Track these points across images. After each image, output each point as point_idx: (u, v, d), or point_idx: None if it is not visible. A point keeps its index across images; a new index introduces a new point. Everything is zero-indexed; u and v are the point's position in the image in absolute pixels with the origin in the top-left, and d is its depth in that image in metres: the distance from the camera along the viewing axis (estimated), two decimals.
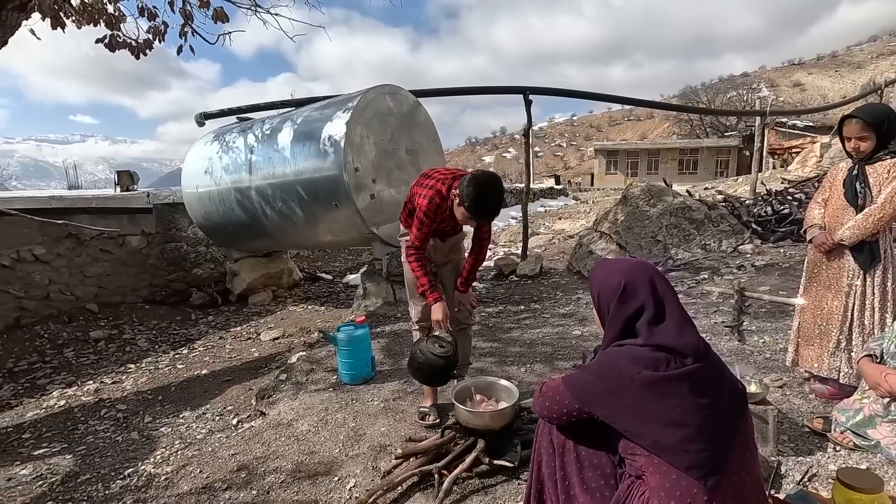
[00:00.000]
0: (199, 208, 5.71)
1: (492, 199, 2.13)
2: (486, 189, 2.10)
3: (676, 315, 1.25)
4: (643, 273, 1.30)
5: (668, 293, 1.29)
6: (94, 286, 5.43)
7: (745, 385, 1.88)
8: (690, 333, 1.24)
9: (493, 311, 4.46)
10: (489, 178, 2.14)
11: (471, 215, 2.14)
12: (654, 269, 1.34)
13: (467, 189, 2.10)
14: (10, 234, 4.76)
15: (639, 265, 1.34)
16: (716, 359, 1.28)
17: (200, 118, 5.97)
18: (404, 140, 5.03)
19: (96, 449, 2.83)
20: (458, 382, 2.20)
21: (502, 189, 2.18)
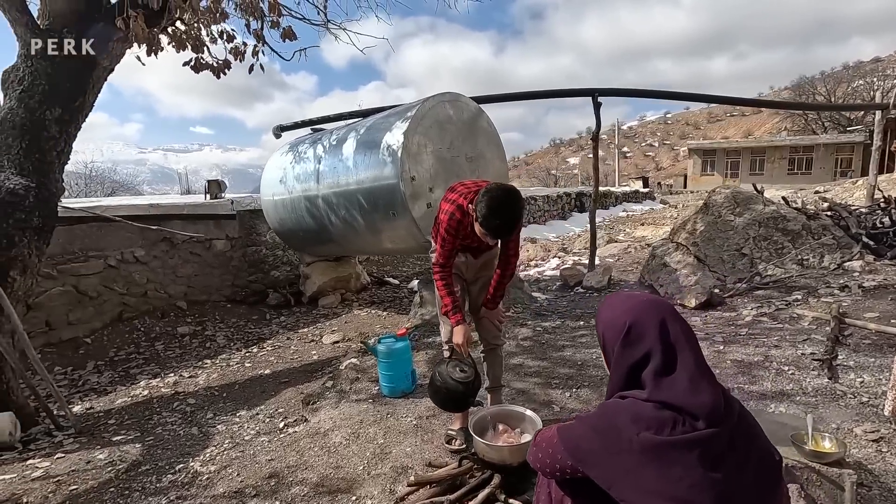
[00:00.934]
0: (274, 215, 6.09)
1: (505, 214, 1.99)
2: (499, 204, 1.97)
3: (690, 366, 1.06)
4: (654, 313, 1.12)
5: (683, 339, 1.10)
6: (184, 285, 5.98)
7: (815, 441, 1.59)
8: (706, 390, 1.04)
9: (548, 326, 4.25)
10: (503, 192, 2.01)
11: (485, 231, 2.03)
12: (670, 310, 1.15)
13: (480, 205, 1.99)
14: (115, 237, 5.39)
15: (651, 303, 1.16)
16: (743, 422, 1.07)
17: (277, 130, 6.37)
18: (464, 147, 4.97)
19: (161, 441, 3.08)
20: (479, 410, 2.09)
21: (518, 204, 2.02)
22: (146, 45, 4.15)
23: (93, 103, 4.39)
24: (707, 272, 4.73)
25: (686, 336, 1.11)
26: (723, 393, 1.07)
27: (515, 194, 2.03)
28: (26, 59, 3.92)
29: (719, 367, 2.94)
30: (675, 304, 4.46)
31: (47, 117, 3.91)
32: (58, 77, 3.95)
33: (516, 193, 2.04)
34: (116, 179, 32.60)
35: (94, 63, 4.17)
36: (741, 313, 3.92)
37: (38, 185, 3.76)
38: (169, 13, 4.10)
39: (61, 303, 5.00)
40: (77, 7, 4.05)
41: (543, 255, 7.82)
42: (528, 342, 3.81)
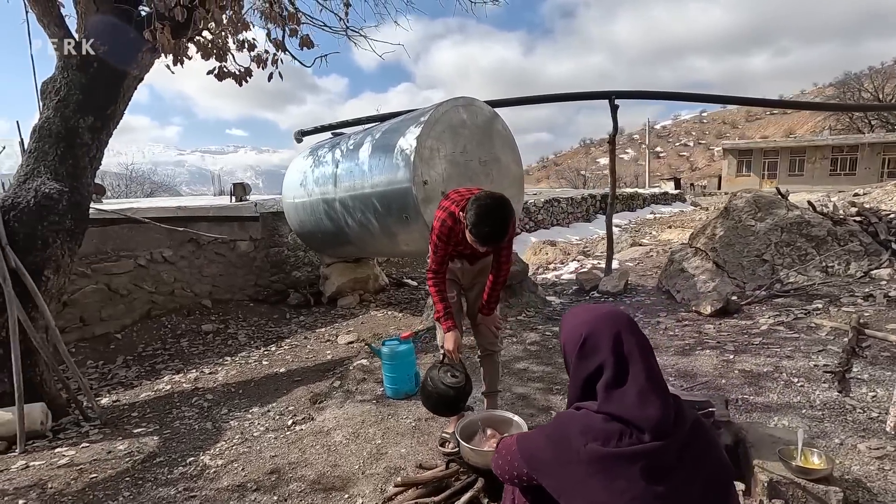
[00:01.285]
0: (295, 217, 6.26)
1: (493, 222, 2.02)
2: (487, 212, 2.01)
3: (641, 379, 1.07)
4: (610, 326, 1.13)
5: (637, 352, 1.11)
6: (209, 284, 6.22)
7: (804, 457, 1.57)
8: (654, 404, 1.04)
9: (557, 331, 4.23)
10: (492, 200, 2.04)
11: (474, 239, 2.06)
12: (627, 322, 1.16)
13: (470, 212, 2.02)
14: (145, 238, 5.65)
15: (608, 316, 1.17)
16: (697, 437, 1.07)
17: (298, 135, 6.54)
18: (478, 151, 5.00)
19: (177, 434, 3.23)
20: (469, 415, 2.12)
21: (506, 213, 2.05)
22: (172, 55, 4.34)
23: (123, 111, 4.61)
24: (726, 278, 4.62)
25: (640, 349, 1.12)
26: (676, 406, 1.08)
27: (504, 203, 2.06)
28: (63, 71, 4.15)
29: (726, 376, 2.88)
30: (691, 310, 4.38)
31: (80, 125, 4.12)
32: (91, 87, 4.16)
33: (505, 202, 2.07)
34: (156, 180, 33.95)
35: (125, 73, 4.38)
36: (757, 321, 3.82)
37: (71, 190, 3.98)
38: (194, 25, 4.26)
39: (94, 300, 5.29)
40: (109, 20, 4.26)
41: (563, 258, 7.76)
42: (534, 346, 3.82)
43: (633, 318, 1.19)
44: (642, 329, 3.40)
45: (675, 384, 2.86)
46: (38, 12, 4.22)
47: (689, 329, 3.88)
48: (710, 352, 3.28)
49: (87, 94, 4.16)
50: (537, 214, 12.09)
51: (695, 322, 4.01)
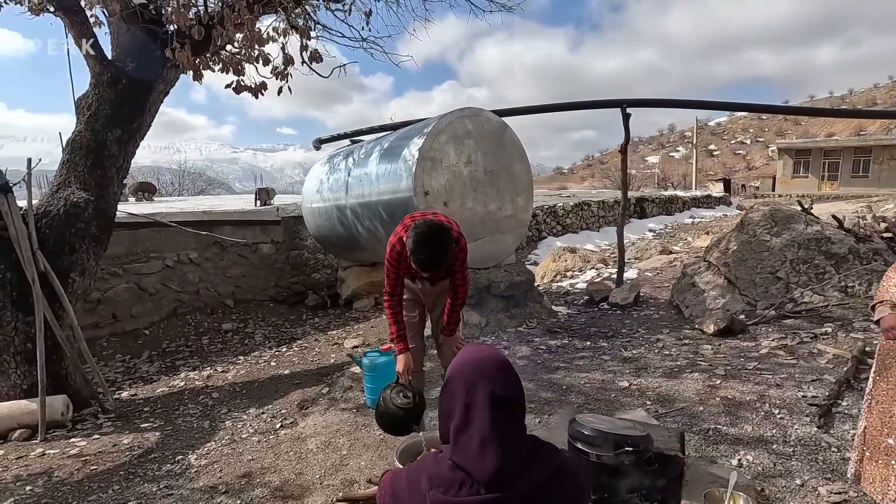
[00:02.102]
0: (312, 222, 6.49)
1: (429, 250, 2.07)
2: (423, 240, 2.06)
3: (485, 429, 1.07)
4: (471, 371, 1.15)
5: (486, 402, 1.10)
6: (232, 285, 6.55)
7: (732, 500, 1.54)
8: (493, 455, 1.05)
9: (554, 345, 4.21)
10: (428, 229, 2.09)
11: (414, 265, 2.11)
12: (493, 369, 1.16)
13: (409, 239, 2.08)
14: (173, 241, 6.02)
15: (476, 361, 1.18)
16: (547, 491, 1.08)
17: (317, 143, 6.76)
18: (484, 161, 5.03)
19: (177, 431, 3.46)
20: (414, 436, 2.18)
21: (441, 241, 2.10)
22: (192, 71, 4.60)
23: (150, 123, 4.93)
24: (736, 295, 4.43)
25: (494, 399, 1.12)
26: (528, 458, 1.09)
27: (440, 232, 2.10)
28: (95, 87, 4.49)
29: (706, 403, 2.80)
30: (694, 327, 4.23)
31: (109, 138, 4.44)
32: (119, 102, 4.48)
33: (442, 231, 2.11)
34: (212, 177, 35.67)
35: (151, 88, 4.69)
36: (759, 343, 3.65)
37: (97, 199, 4.31)
38: (213, 42, 4.49)
39: (126, 298, 5.70)
40: (138, 39, 4.55)
41: (581, 265, 7.63)
42: (523, 361, 3.81)
43: (507, 364, 1.19)
44: (639, 345, 3.29)
45: (651, 409, 2.80)
46: (75, 34, 4.57)
47: (686, 349, 3.77)
48: (699, 375, 3.18)
49: (115, 108, 4.47)
50: (565, 218, 11.90)
51: (695, 341, 3.88)
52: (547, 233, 11.40)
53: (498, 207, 5.17)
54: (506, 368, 1.18)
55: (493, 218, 5.14)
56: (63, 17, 4.50)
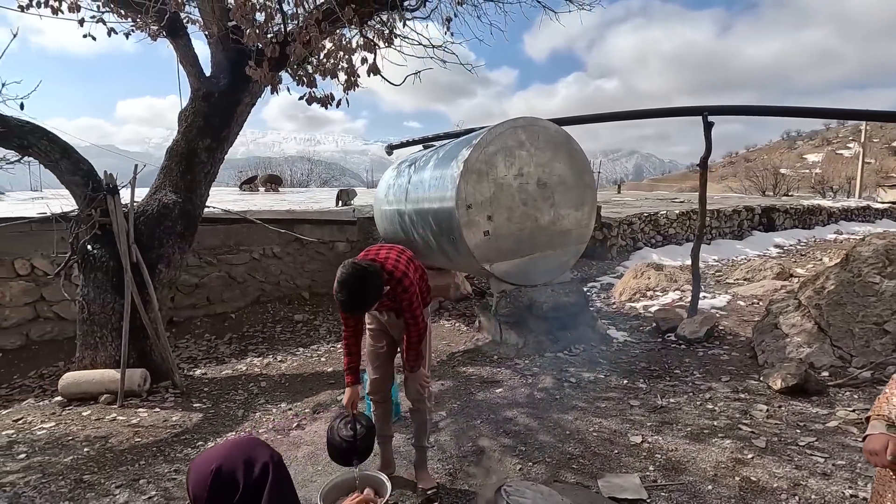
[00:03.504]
0: (381, 224, 6.75)
1: (349, 292, 2.04)
2: (343, 280, 2.04)
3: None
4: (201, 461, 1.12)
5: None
6: (309, 279, 7.10)
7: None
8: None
9: (586, 379, 3.87)
10: (351, 270, 2.03)
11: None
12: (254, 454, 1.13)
13: (337, 277, 2.05)
14: (259, 236, 6.70)
15: (215, 454, 1.14)
16: None
17: (388, 149, 6.98)
18: (537, 173, 4.78)
19: (217, 416, 3.88)
20: (341, 475, 2.17)
21: (363, 286, 2.04)
22: (270, 86, 5.02)
23: (237, 132, 5.49)
24: (826, 346, 3.66)
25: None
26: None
27: (362, 276, 2.04)
28: (192, 102, 5.13)
29: (719, 482, 2.37)
30: (760, 379, 3.59)
31: (199, 146, 5.04)
32: (210, 114, 5.06)
33: (364, 275, 2.05)
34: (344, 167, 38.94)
35: (238, 101, 5.22)
36: (833, 412, 2.98)
37: (184, 201, 4.94)
38: (288, 59, 4.85)
39: (218, 284, 6.49)
40: (230, 57, 5.08)
41: (665, 285, 6.88)
42: (541, 394, 3.58)
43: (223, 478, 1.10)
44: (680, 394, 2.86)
45: (650, 476, 2.46)
46: (180, 55, 5.25)
47: (736, 405, 3.22)
48: (730, 443, 2.70)
49: (206, 120, 5.06)
50: (668, 228, 10.82)
51: (753, 397, 3.31)
52: (644, 243, 10.48)
53: (551, 222, 4.89)
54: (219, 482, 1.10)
55: (546, 233, 4.87)
56: (171, 41, 5.19)
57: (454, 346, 5.14)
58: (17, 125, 4.37)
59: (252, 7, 4.57)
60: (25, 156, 4.63)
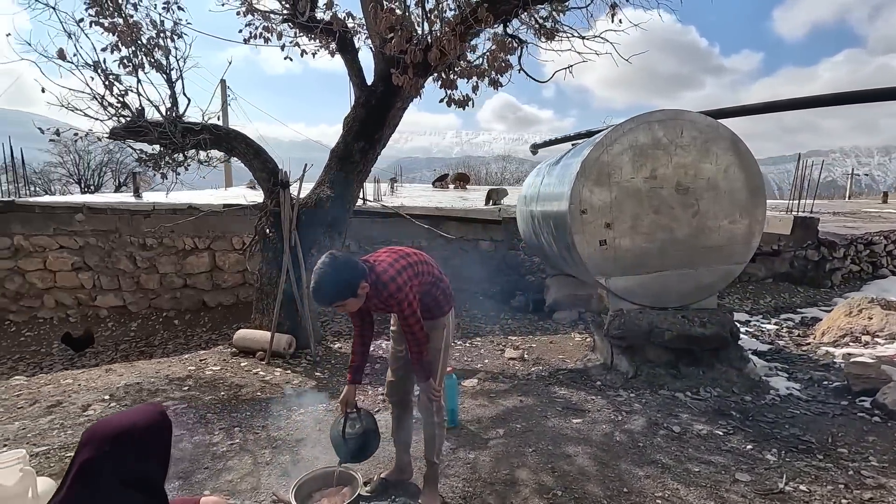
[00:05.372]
0: (520, 226, 6.59)
1: (315, 283, 2.02)
2: (315, 272, 2.04)
3: (62, 490, 1.17)
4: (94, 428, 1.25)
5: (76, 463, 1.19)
6: (451, 274, 7.32)
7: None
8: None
9: (694, 431, 3.11)
10: (327, 261, 2.02)
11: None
12: (103, 432, 1.23)
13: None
14: (408, 230, 7.22)
15: (106, 421, 1.27)
16: None
17: (533, 148, 6.69)
18: (676, 176, 4.02)
19: (320, 389, 4.35)
20: (319, 469, 2.19)
21: (330, 280, 1.99)
22: (413, 90, 5.39)
23: (389, 135, 6.03)
24: None
25: (80, 465, 1.19)
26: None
27: (330, 267, 1.99)
28: (354, 108, 5.84)
29: None
30: None
31: (354, 148, 5.72)
32: (366, 119, 5.69)
33: (333, 268, 1.99)
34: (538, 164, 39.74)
35: (390, 106, 5.75)
36: None
37: (336, 196, 5.66)
38: (431, 66, 5.14)
39: None
40: (387, 66, 5.63)
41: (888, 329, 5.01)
42: (622, 437, 3.02)
43: (126, 436, 1.23)
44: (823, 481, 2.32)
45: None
46: (348, 69, 6.02)
47: None
48: None
49: (362, 124, 5.71)
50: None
51: None
52: (891, 271, 7.84)
53: (692, 234, 4.06)
54: (117, 440, 1.21)
55: (684, 247, 4.07)
56: (342, 56, 5.95)
57: (567, 362, 4.73)
58: (224, 133, 5.60)
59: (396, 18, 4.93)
60: (231, 156, 5.93)
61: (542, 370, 4.51)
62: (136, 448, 1.23)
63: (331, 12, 5.50)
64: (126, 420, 1.27)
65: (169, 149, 5.38)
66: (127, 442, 1.22)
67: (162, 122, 5.09)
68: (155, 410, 1.34)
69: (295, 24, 5.82)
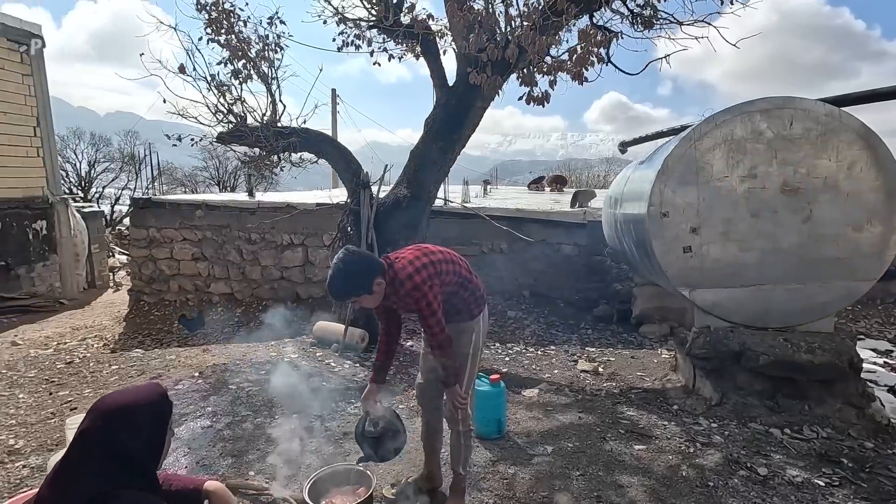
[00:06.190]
0: (605, 230, 6.13)
1: (329, 276, 2.00)
2: (332, 265, 1.99)
3: (62, 465, 1.24)
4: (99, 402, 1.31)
5: (77, 432, 1.25)
6: (531, 278, 7.10)
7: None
8: (47, 483, 1.21)
9: (785, 477, 2.60)
10: (339, 255, 1.97)
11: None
12: (104, 405, 1.28)
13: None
14: (489, 231, 7.10)
15: (110, 396, 1.33)
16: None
17: (622, 146, 6.16)
18: (782, 174, 3.45)
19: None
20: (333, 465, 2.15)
21: (343, 272, 1.96)
22: (490, 89, 5.32)
23: (469, 135, 5.99)
24: None
25: (79, 432, 1.25)
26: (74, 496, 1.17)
27: (343, 261, 1.95)
28: (434, 109, 5.91)
29: None
30: None
31: (433, 149, 5.77)
32: (444, 119, 5.73)
33: (345, 260, 1.95)
34: None
35: (470, 105, 5.73)
36: None
37: (412, 196, 5.74)
38: (509, 65, 5.05)
39: None
40: (466, 66, 5.62)
41: None
42: (690, 472, 2.62)
43: (121, 411, 1.29)
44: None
45: None
46: (430, 71, 6.08)
47: None
48: None
49: (441, 124, 5.76)
50: None
51: None
52: None
53: (803, 244, 3.45)
54: (111, 415, 1.27)
55: (791, 258, 3.47)
56: (425, 59, 6.03)
57: (646, 380, 4.29)
58: (314, 135, 5.95)
59: (475, 16, 4.87)
60: (320, 158, 6.29)
61: (614, 387, 4.13)
62: (127, 425, 1.28)
63: (411, 15, 5.59)
64: (126, 397, 1.34)
65: (265, 151, 5.85)
66: (119, 418, 1.28)
67: (258, 126, 5.54)
68: (156, 391, 1.40)
69: (381, 30, 6.00)
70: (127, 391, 1.39)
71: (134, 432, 1.29)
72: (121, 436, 1.26)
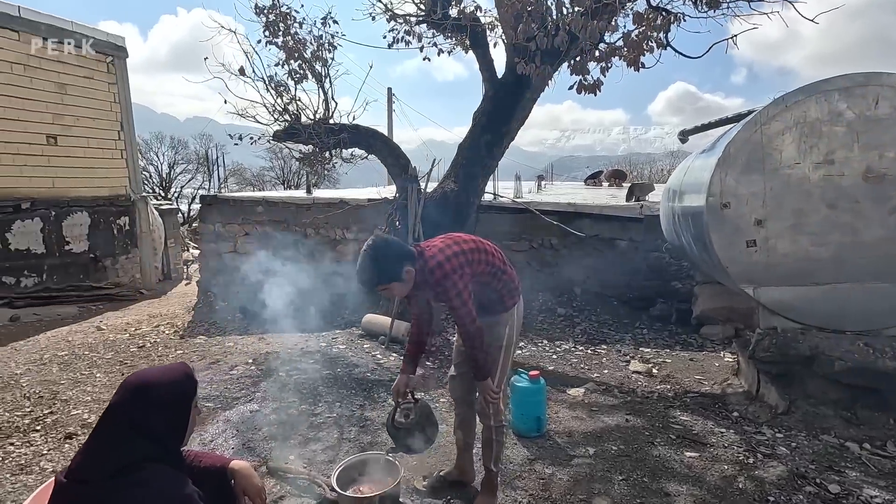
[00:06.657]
0: (663, 224, 5.78)
1: (358, 264, 1.99)
2: (361, 253, 1.99)
3: (92, 437, 1.30)
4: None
5: (106, 416, 1.31)
6: (583, 275, 6.84)
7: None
8: (80, 453, 1.28)
9: (860, 497, 2.31)
10: (368, 242, 1.96)
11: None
12: (130, 382, 1.33)
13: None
14: (540, 228, 6.91)
15: (136, 373, 1.38)
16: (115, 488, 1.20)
17: (682, 136, 5.76)
18: (864, 160, 3.09)
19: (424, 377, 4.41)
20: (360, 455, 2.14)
21: (369, 259, 1.94)
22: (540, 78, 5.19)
23: (517, 128, 5.89)
24: None
25: (107, 408, 1.30)
26: (109, 464, 1.22)
27: (371, 248, 1.94)
28: (482, 103, 5.86)
29: None
30: None
31: (480, 142, 5.73)
32: (492, 112, 5.67)
33: (375, 247, 1.94)
34: None
35: (518, 97, 5.64)
36: None
37: (459, 190, 5.71)
38: (560, 53, 4.92)
39: None
40: (515, 57, 5.53)
41: None
42: (747, 485, 2.39)
43: (141, 388, 1.33)
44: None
45: None
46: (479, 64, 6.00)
47: None
48: None
49: (489, 118, 5.70)
50: None
51: None
52: None
53: (887, 238, 3.07)
54: (137, 391, 1.32)
55: (876, 254, 3.11)
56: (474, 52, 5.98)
57: (704, 384, 4.00)
58: (364, 131, 6.05)
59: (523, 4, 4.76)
60: (370, 153, 6.39)
61: (668, 389, 3.89)
62: (151, 401, 1.33)
63: (457, 8, 5.54)
64: (152, 375, 1.40)
65: (318, 147, 6.02)
66: (144, 394, 1.34)
67: (311, 124, 5.71)
68: (181, 371, 1.46)
69: (430, 24, 5.99)
70: (154, 370, 1.45)
71: (157, 408, 1.34)
72: (145, 411, 1.32)
